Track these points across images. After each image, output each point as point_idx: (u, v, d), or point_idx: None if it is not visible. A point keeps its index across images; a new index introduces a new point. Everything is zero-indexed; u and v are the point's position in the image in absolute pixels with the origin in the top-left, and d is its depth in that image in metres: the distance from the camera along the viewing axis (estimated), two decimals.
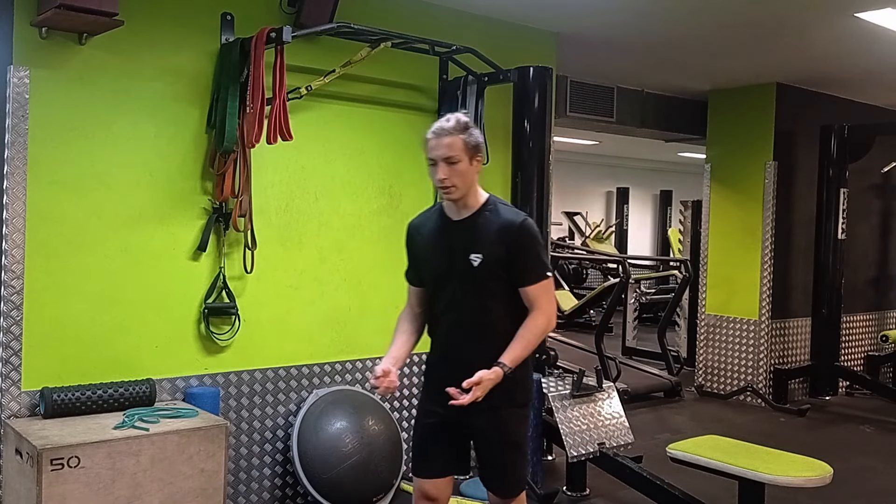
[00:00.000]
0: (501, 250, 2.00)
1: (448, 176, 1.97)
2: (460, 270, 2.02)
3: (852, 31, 4.00)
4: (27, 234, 2.59)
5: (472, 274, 2.00)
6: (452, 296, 2.04)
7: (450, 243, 2.05)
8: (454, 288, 2.04)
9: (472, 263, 2.00)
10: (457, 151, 1.97)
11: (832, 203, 5.41)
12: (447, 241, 2.06)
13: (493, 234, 2.01)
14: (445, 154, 1.97)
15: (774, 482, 2.70)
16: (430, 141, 2.00)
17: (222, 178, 2.90)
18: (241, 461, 3.08)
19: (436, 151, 1.98)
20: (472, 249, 2.00)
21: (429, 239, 2.10)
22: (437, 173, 1.98)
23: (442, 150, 1.97)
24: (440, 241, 2.07)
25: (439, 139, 1.98)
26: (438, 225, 2.09)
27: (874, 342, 6.13)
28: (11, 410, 2.57)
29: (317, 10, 3.08)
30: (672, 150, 8.46)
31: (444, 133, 1.98)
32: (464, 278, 2.02)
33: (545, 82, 3.52)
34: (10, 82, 2.56)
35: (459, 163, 1.97)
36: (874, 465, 4.15)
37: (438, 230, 2.09)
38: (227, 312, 2.98)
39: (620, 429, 3.45)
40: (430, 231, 2.11)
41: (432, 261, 2.09)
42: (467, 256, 2.00)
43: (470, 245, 2.01)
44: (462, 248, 2.02)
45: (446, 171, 1.96)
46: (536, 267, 2.03)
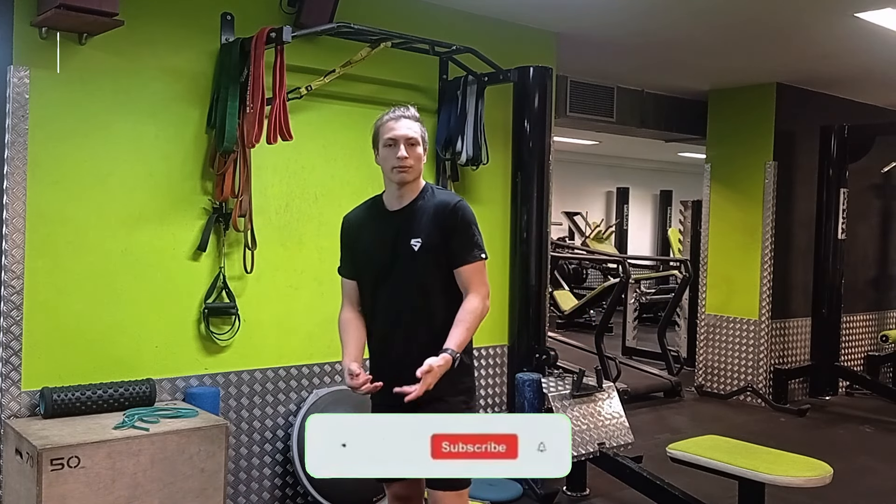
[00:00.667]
0: (438, 231, 2.01)
1: (409, 156, 2.00)
2: (401, 257, 2.01)
3: (852, 31, 4.00)
4: (27, 234, 2.59)
5: (413, 259, 2.00)
6: (394, 285, 2.03)
7: (389, 232, 2.04)
8: (395, 276, 2.03)
9: (413, 248, 2.00)
10: (418, 135, 2.03)
11: (832, 203, 5.41)
12: (387, 230, 2.05)
13: (430, 217, 2.02)
14: (409, 135, 2.00)
15: (774, 482, 2.70)
16: (389, 122, 2.02)
17: (222, 178, 2.90)
18: (241, 461, 3.08)
19: (397, 132, 2.00)
20: (411, 234, 2.01)
21: (367, 230, 2.10)
22: (398, 152, 1.99)
23: (405, 130, 2.01)
24: (379, 231, 2.07)
25: (400, 121, 2.02)
26: (376, 215, 2.09)
27: (874, 342, 6.13)
28: (11, 410, 2.57)
29: (317, 10, 3.08)
30: (672, 150, 8.46)
31: (407, 117, 2.03)
32: (405, 265, 2.02)
33: (545, 82, 3.52)
34: (10, 82, 2.56)
35: (418, 146, 2.02)
36: (874, 465, 4.15)
37: (377, 221, 2.09)
38: (227, 312, 2.98)
39: (620, 429, 3.45)
40: (368, 222, 2.11)
41: (372, 251, 2.07)
42: (408, 242, 2.01)
43: (409, 230, 2.02)
44: (402, 235, 2.02)
45: (409, 151, 2.00)
46: (470, 247, 2.03)
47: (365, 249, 2.10)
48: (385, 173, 2.06)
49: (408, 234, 2.02)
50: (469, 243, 2.03)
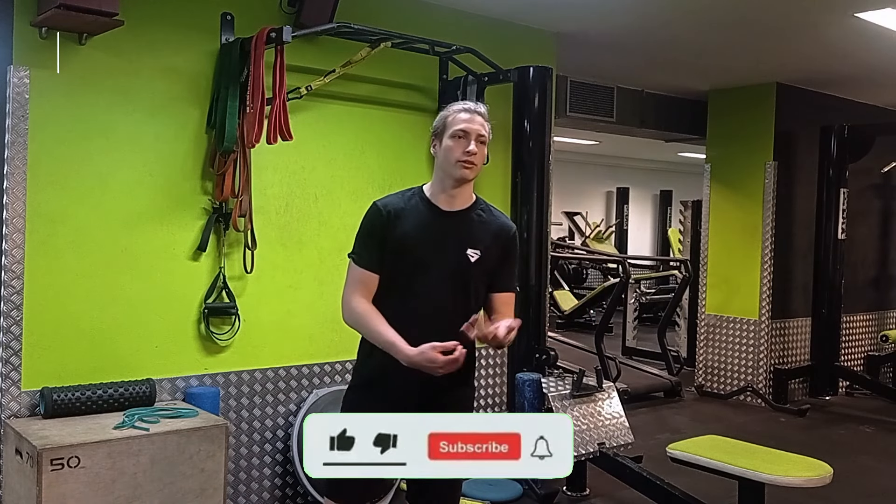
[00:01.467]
0: (497, 252, 1.97)
1: (478, 152, 1.92)
2: (452, 263, 1.92)
3: (852, 31, 4.00)
4: (27, 234, 2.59)
5: (466, 268, 1.93)
6: (434, 287, 1.91)
7: (443, 233, 1.94)
8: (438, 279, 1.92)
9: (470, 258, 1.93)
10: (487, 132, 1.96)
11: (832, 203, 5.41)
12: (440, 230, 1.94)
13: (492, 234, 1.98)
14: (480, 131, 1.94)
15: (774, 482, 2.70)
16: (462, 114, 1.94)
17: (222, 178, 2.90)
18: (241, 461, 3.08)
19: (471, 125, 1.93)
20: (469, 244, 1.94)
21: (415, 225, 1.93)
22: (468, 146, 1.90)
23: (477, 125, 1.94)
24: (432, 229, 1.94)
25: (474, 116, 1.94)
26: (427, 212, 1.95)
27: (874, 342, 6.13)
28: (11, 410, 2.57)
29: (317, 10, 3.08)
30: (672, 150, 8.46)
31: (480, 114, 1.96)
32: (453, 271, 1.93)
33: (545, 82, 3.52)
34: (10, 82, 2.56)
35: (485, 146, 1.96)
36: (874, 465, 4.15)
37: (428, 217, 1.95)
38: (227, 312, 2.98)
39: (620, 429, 3.45)
40: (418, 217, 1.95)
41: (423, 248, 1.92)
42: (464, 250, 1.93)
43: (467, 239, 1.94)
44: (458, 241, 1.94)
45: (478, 148, 1.92)
46: (514, 277, 2.06)
47: (412, 245, 1.93)
48: (443, 166, 1.94)
49: (464, 242, 1.94)
50: (514, 272, 2.06)
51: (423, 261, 1.93)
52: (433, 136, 2.00)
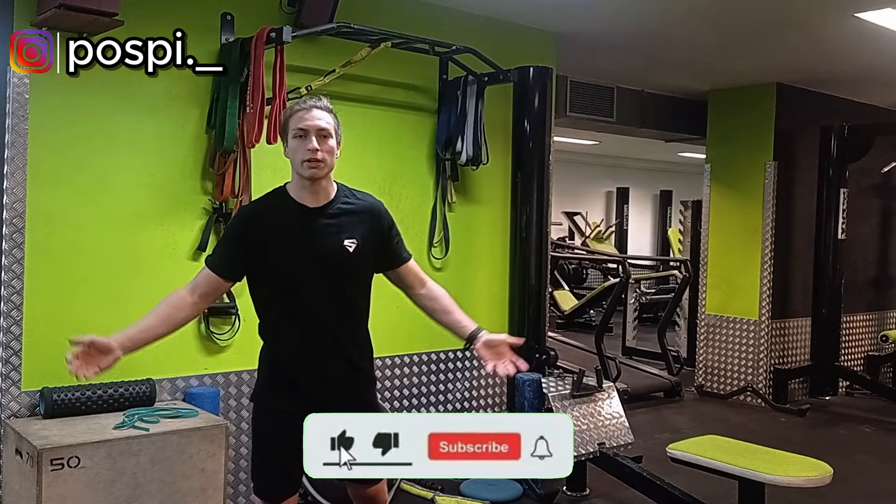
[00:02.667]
0: (376, 234, 1.97)
1: (321, 149, 1.84)
2: (329, 257, 1.89)
3: (852, 31, 4.00)
4: (27, 234, 2.59)
5: (346, 259, 1.90)
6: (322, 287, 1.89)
7: (314, 230, 1.89)
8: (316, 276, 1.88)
9: (348, 249, 1.90)
10: (330, 127, 1.87)
11: (832, 203, 5.41)
12: (310, 228, 1.89)
13: (363, 218, 1.95)
14: (320, 126, 1.85)
15: (774, 482, 2.70)
16: (300, 112, 1.86)
17: (222, 178, 2.90)
18: (242, 461, 3.08)
19: (309, 122, 1.84)
20: (344, 235, 1.90)
21: (283, 226, 1.89)
22: (308, 144, 1.83)
23: (317, 121, 1.85)
24: (300, 228, 1.89)
25: (312, 111, 1.86)
26: (292, 212, 1.90)
27: (874, 342, 6.13)
28: (11, 410, 2.57)
29: (317, 9, 3.08)
30: (672, 150, 8.46)
31: (318, 107, 1.87)
32: (333, 265, 1.89)
33: (545, 82, 3.52)
34: (10, 82, 2.55)
35: (330, 139, 1.87)
36: (874, 465, 4.15)
37: (294, 217, 1.89)
38: (227, 312, 2.98)
39: (620, 429, 3.45)
40: (283, 218, 1.90)
41: (291, 249, 1.88)
42: (340, 242, 1.89)
43: (341, 230, 1.90)
44: (331, 235, 1.90)
45: (319, 142, 1.84)
46: (404, 246, 2.08)
47: (280, 247, 1.88)
48: (294, 167, 1.89)
49: (339, 234, 1.90)
50: (402, 242, 2.07)
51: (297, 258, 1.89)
52: (280, 138, 1.95)
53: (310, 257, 1.90)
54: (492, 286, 3.78)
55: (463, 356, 3.72)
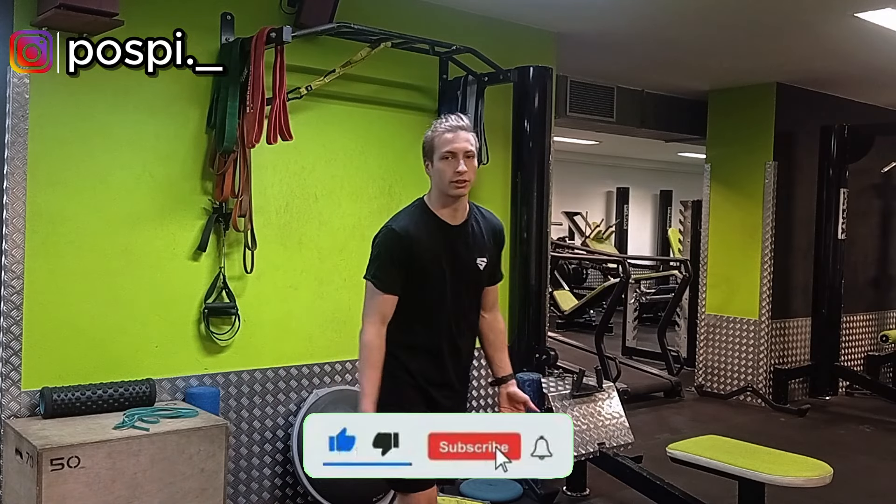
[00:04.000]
0: (495, 252, 2.11)
1: (468, 169, 1.97)
2: (466, 273, 2.05)
3: (852, 31, 4.00)
4: (27, 234, 2.59)
5: (477, 276, 2.07)
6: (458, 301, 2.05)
7: (456, 248, 2.04)
8: (461, 292, 2.05)
9: (479, 266, 2.06)
10: (474, 147, 2.00)
11: (832, 203, 5.41)
12: (452, 246, 2.04)
13: (489, 237, 2.10)
14: (467, 148, 1.97)
15: (774, 482, 2.70)
16: (447, 134, 1.98)
17: (222, 178, 2.90)
18: (241, 461, 3.08)
19: (457, 144, 1.97)
20: (477, 253, 2.06)
21: (434, 245, 2.02)
22: (458, 166, 1.95)
23: (463, 143, 1.97)
24: (446, 245, 2.03)
25: (458, 133, 1.98)
26: (437, 229, 2.03)
27: (874, 342, 6.13)
28: (11, 410, 2.57)
29: (317, 10, 3.08)
30: (672, 150, 8.46)
31: (463, 128, 1.99)
32: (470, 282, 2.07)
33: (545, 82, 3.52)
34: (10, 82, 2.56)
35: (474, 158, 2.00)
36: (874, 465, 4.15)
37: (441, 235, 2.03)
38: (227, 312, 2.98)
39: (620, 429, 3.45)
40: (432, 237, 2.02)
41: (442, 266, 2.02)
42: (474, 259, 2.05)
43: (475, 249, 2.06)
44: (468, 253, 2.05)
45: (467, 164, 1.97)
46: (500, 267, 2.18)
47: (429, 264, 2.01)
48: (439, 186, 2.01)
49: (473, 252, 2.05)
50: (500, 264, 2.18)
51: (443, 277, 2.03)
52: (423, 156, 2.06)
53: (450, 274, 2.04)
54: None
55: None
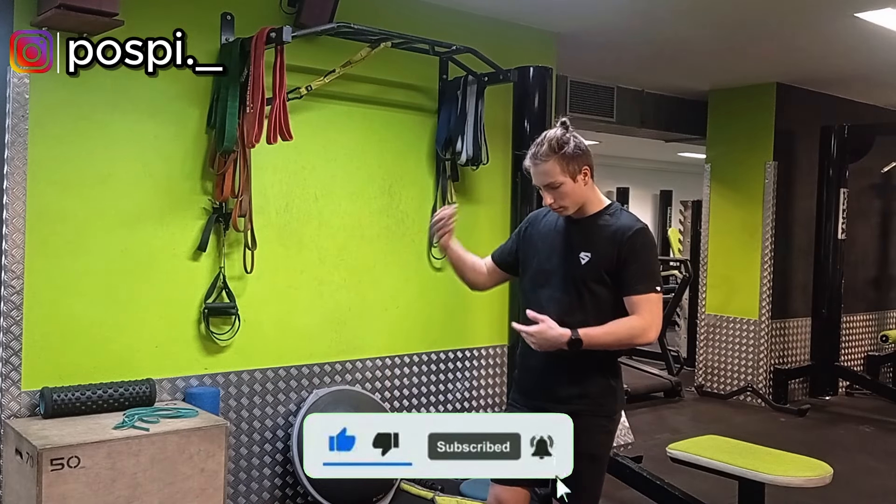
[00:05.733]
0: (611, 253, 1.94)
1: (555, 199, 1.97)
2: (566, 266, 1.98)
3: (852, 31, 4.00)
4: (27, 234, 2.59)
5: (578, 271, 1.96)
6: (552, 291, 2.00)
7: (564, 239, 2.03)
8: (556, 283, 1.99)
9: (581, 261, 1.96)
10: (555, 176, 1.94)
11: (832, 203, 5.40)
12: (562, 236, 2.03)
13: (608, 236, 1.96)
14: (545, 181, 1.97)
15: (774, 482, 2.69)
16: (531, 169, 2.00)
17: (222, 178, 2.90)
18: (242, 461, 3.08)
19: (536, 179, 1.99)
20: (583, 247, 1.97)
21: (545, 231, 2.08)
22: (546, 199, 2.00)
23: (540, 177, 1.97)
24: (556, 235, 2.05)
25: (536, 167, 1.98)
26: (558, 220, 2.06)
27: (874, 342, 6.13)
28: (11, 410, 2.57)
29: (317, 10, 3.08)
30: (672, 150, 8.45)
31: (539, 160, 1.96)
32: (568, 275, 1.98)
33: (545, 82, 3.52)
34: (10, 82, 2.55)
35: (562, 185, 1.95)
36: (874, 466, 4.15)
37: (556, 225, 2.06)
38: (227, 312, 2.98)
39: (620, 429, 3.45)
40: (548, 224, 2.08)
41: (542, 252, 2.05)
42: (577, 253, 1.98)
43: (582, 243, 1.98)
44: (574, 245, 1.99)
45: (552, 195, 1.97)
46: (643, 277, 1.93)
47: (536, 248, 2.08)
48: None
49: (579, 246, 1.98)
50: (643, 272, 1.93)
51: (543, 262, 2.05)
52: None
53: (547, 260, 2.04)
54: None
55: (463, 356, 3.72)
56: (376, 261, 3.41)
